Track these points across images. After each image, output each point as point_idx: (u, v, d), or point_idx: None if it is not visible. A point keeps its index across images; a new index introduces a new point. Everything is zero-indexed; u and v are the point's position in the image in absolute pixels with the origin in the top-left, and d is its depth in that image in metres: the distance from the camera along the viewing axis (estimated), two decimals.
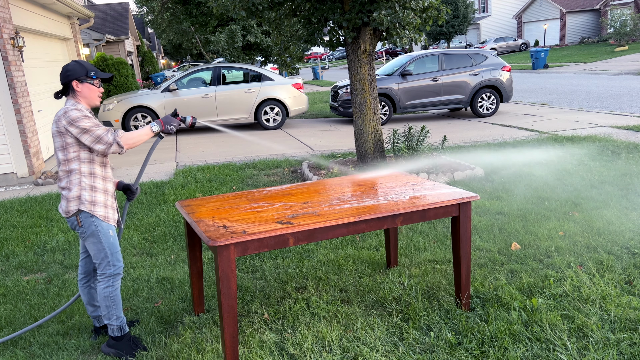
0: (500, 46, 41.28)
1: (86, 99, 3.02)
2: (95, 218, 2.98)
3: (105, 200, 3.04)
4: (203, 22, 17.73)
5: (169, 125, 3.16)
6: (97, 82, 3.05)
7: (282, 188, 3.67)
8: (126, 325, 3.15)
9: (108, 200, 3.07)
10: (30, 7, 9.84)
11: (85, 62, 3.05)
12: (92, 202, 2.99)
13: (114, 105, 11.93)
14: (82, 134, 2.87)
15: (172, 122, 3.18)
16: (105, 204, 3.04)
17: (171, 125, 3.17)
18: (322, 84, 27.83)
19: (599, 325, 3.14)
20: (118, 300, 3.09)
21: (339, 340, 3.17)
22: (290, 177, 7.49)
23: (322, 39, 7.39)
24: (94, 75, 3.02)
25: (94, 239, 3.00)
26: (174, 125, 3.18)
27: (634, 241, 4.37)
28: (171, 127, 3.16)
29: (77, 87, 2.98)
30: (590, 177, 6.40)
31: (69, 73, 2.97)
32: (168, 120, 3.17)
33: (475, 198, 3.25)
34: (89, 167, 2.99)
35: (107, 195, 3.07)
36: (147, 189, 7.02)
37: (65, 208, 2.98)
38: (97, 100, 3.07)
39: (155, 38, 49.34)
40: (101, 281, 3.06)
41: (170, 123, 3.17)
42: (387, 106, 12.15)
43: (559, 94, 16.62)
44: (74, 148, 2.93)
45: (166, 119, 3.17)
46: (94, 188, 3.00)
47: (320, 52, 59.15)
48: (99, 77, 3.06)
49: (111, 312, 3.08)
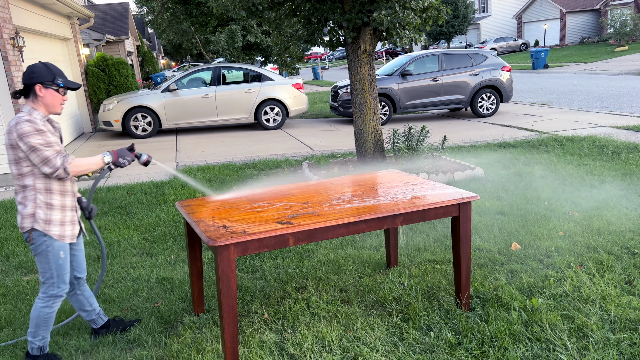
0: (500, 46, 41.28)
1: (47, 106, 2.83)
2: (48, 237, 2.85)
3: (62, 218, 2.89)
4: (203, 22, 17.73)
5: (122, 159, 2.98)
6: (63, 90, 2.85)
7: (282, 188, 3.67)
8: (47, 346, 3.06)
9: (66, 216, 2.92)
10: (30, 7, 9.85)
11: (54, 66, 2.86)
12: (47, 221, 2.84)
13: (114, 105, 11.93)
14: (30, 152, 2.70)
15: (126, 155, 3.00)
16: (62, 222, 2.89)
17: (124, 159, 2.99)
18: (322, 84, 27.84)
19: (599, 325, 3.14)
20: (51, 322, 2.99)
21: (339, 340, 3.17)
22: (290, 177, 7.49)
23: (322, 39, 7.39)
24: (60, 83, 2.82)
25: (42, 258, 2.88)
26: (127, 159, 3.00)
27: (634, 241, 4.37)
28: (124, 161, 2.98)
29: (39, 91, 2.78)
30: (590, 177, 6.40)
31: (34, 75, 2.77)
32: (122, 154, 2.99)
33: (475, 198, 3.25)
34: (45, 183, 2.82)
35: (65, 211, 2.92)
36: (147, 189, 7.02)
37: (20, 223, 2.85)
38: (58, 108, 2.88)
39: (155, 38, 49.35)
40: (41, 299, 2.94)
41: (124, 157, 2.99)
42: (387, 106, 12.15)
43: (559, 94, 16.62)
44: (27, 162, 2.76)
45: (121, 152, 2.99)
46: (50, 206, 2.84)
47: (320, 52, 59.13)
48: (66, 86, 2.86)
49: (39, 331, 2.98)
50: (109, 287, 4.12)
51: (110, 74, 13.66)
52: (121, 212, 6.10)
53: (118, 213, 6.06)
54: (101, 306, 3.80)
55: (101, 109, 12.07)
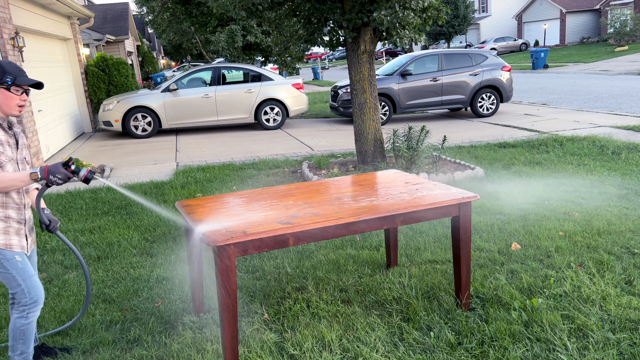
0: (500, 46, 41.28)
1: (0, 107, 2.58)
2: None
3: (5, 228, 2.66)
4: (203, 22, 17.73)
5: (54, 176, 2.56)
6: (17, 89, 2.58)
7: (282, 188, 3.67)
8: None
9: (11, 226, 2.68)
10: (30, 7, 9.85)
11: (8, 64, 2.59)
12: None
13: (114, 105, 11.93)
14: None
15: (58, 172, 2.56)
16: (5, 231, 2.66)
17: (55, 177, 2.56)
18: (322, 84, 27.83)
19: (599, 325, 3.14)
20: (29, 335, 2.78)
21: (339, 340, 3.17)
22: (290, 177, 7.50)
23: (322, 39, 7.39)
24: (9, 80, 2.54)
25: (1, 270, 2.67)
26: (59, 177, 2.56)
27: (634, 241, 4.37)
28: (55, 179, 2.56)
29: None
30: (590, 177, 6.40)
31: None
32: (54, 170, 2.56)
33: (475, 198, 3.25)
34: None
35: (8, 222, 2.68)
36: (147, 189, 7.02)
37: None
38: (13, 110, 2.62)
39: (155, 38, 49.34)
40: (16, 309, 2.74)
41: (56, 174, 2.56)
42: (387, 106, 12.15)
43: (559, 94, 16.62)
44: None
45: (53, 168, 2.56)
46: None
47: (320, 52, 59.13)
48: (18, 84, 2.57)
49: (17, 345, 2.77)
50: (109, 287, 4.12)
51: (110, 74, 13.67)
52: (121, 212, 6.10)
53: (118, 213, 6.06)
54: (101, 306, 3.80)
55: (101, 109, 12.07)
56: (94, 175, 2.68)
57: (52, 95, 10.86)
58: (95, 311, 3.72)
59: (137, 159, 9.57)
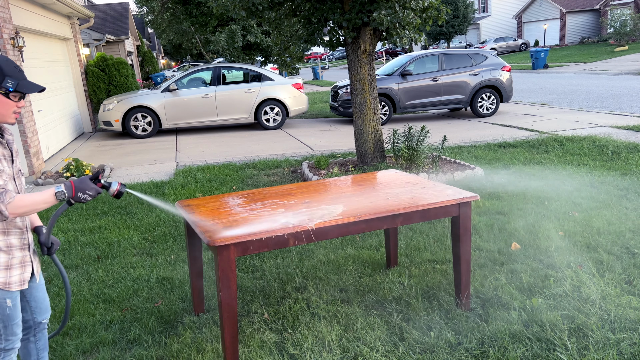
0: (500, 46, 41.28)
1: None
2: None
3: (8, 261, 2.33)
4: (203, 22, 17.73)
5: (82, 194, 2.27)
6: (15, 95, 2.24)
7: (282, 188, 3.67)
8: None
9: (13, 258, 2.35)
10: (30, 7, 9.85)
11: (7, 63, 2.24)
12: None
13: (114, 105, 11.93)
14: None
15: (87, 189, 2.28)
16: (7, 266, 2.33)
17: (85, 194, 2.28)
18: (322, 84, 27.84)
19: (599, 325, 3.14)
20: None
21: (339, 340, 3.17)
22: (290, 177, 7.49)
23: (322, 39, 7.39)
24: (10, 87, 2.20)
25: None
26: (90, 194, 2.29)
27: (634, 241, 4.37)
28: (85, 197, 2.28)
29: None
30: (590, 177, 6.40)
31: None
32: (82, 187, 2.27)
33: (475, 198, 3.25)
34: None
35: (12, 252, 2.35)
36: (148, 189, 7.02)
37: None
38: (9, 118, 2.27)
39: (155, 38, 49.33)
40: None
41: (85, 191, 2.27)
42: (387, 106, 12.15)
43: (559, 94, 16.62)
44: None
45: (81, 185, 2.28)
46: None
47: (320, 52, 59.12)
48: (18, 90, 2.23)
49: None
50: (109, 287, 4.12)
51: (110, 74, 13.67)
52: (121, 212, 6.10)
53: (118, 213, 6.06)
54: (101, 306, 3.80)
55: (101, 109, 12.07)
56: (125, 188, 2.45)
57: (52, 95, 10.86)
58: (95, 311, 3.72)
59: (137, 159, 9.57)
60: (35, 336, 2.64)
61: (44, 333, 2.67)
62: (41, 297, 2.60)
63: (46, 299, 2.64)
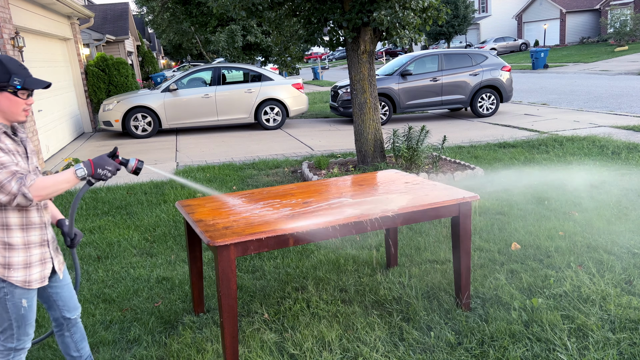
0: (500, 46, 41.28)
1: (3, 113, 2.27)
2: (7, 284, 2.30)
3: (26, 259, 2.33)
4: (203, 22, 17.73)
5: (102, 170, 2.29)
6: (23, 93, 2.27)
7: (282, 188, 3.67)
8: None
9: (33, 255, 2.35)
10: (30, 7, 9.85)
11: (12, 62, 2.27)
12: (6, 265, 2.28)
13: (114, 105, 11.93)
14: None
15: (107, 165, 2.30)
16: (26, 264, 2.33)
17: (105, 170, 2.29)
18: (322, 84, 27.84)
19: (599, 325, 3.14)
20: None
21: (339, 340, 3.17)
22: (290, 177, 7.49)
23: (322, 39, 7.39)
24: (17, 84, 2.23)
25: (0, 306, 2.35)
26: (109, 170, 2.30)
27: (634, 241, 4.37)
28: (104, 172, 2.29)
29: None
30: (590, 177, 6.40)
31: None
32: (101, 163, 2.30)
33: (475, 198, 3.25)
34: (1, 217, 2.25)
35: (31, 249, 2.35)
36: (147, 189, 7.02)
37: None
38: (19, 116, 2.30)
39: (155, 38, 49.33)
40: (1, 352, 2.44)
41: (104, 167, 2.29)
42: (387, 106, 12.15)
43: (559, 94, 16.62)
44: None
45: (99, 161, 2.30)
46: (9, 246, 2.28)
47: (320, 52, 59.12)
48: (26, 87, 2.26)
49: None
50: (109, 287, 4.12)
51: (110, 74, 13.67)
52: (121, 212, 6.10)
53: (118, 213, 6.06)
54: (101, 306, 3.80)
55: (101, 109, 12.07)
56: (143, 164, 2.46)
57: (52, 95, 10.86)
58: (95, 311, 3.72)
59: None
60: (69, 331, 2.67)
61: (78, 327, 2.70)
62: (68, 295, 2.62)
63: (73, 297, 2.66)
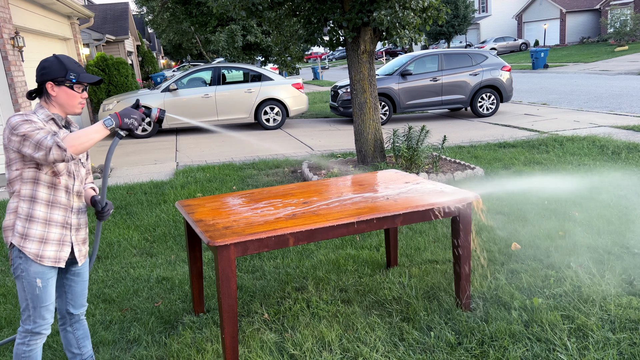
0: (500, 46, 41.28)
1: (62, 106, 2.41)
2: (24, 258, 2.35)
3: (43, 234, 2.39)
4: (203, 22, 17.73)
5: (128, 119, 2.35)
6: (79, 87, 2.42)
7: (282, 188, 3.67)
8: None
9: (51, 232, 2.41)
10: (30, 7, 9.85)
11: (68, 60, 2.43)
12: (24, 235, 2.35)
13: (114, 105, 11.93)
14: (22, 142, 2.24)
15: (132, 114, 2.36)
16: (42, 239, 2.38)
17: (131, 119, 2.36)
18: (322, 84, 27.83)
19: (599, 325, 3.14)
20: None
21: (339, 340, 3.17)
22: (290, 177, 7.49)
23: (322, 39, 7.39)
24: (73, 78, 2.38)
25: (18, 284, 2.40)
26: (135, 118, 2.37)
27: (634, 241, 4.37)
28: (131, 121, 2.36)
29: (51, 90, 2.37)
30: (590, 177, 6.40)
31: (45, 72, 2.36)
32: (127, 113, 2.36)
33: (475, 198, 3.25)
34: (31, 189, 2.36)
35: (50, 226, 2.41)
36: (147, 189, 7.02)
37: (4, 238, 2.41)
38: (76, 108, 2.44)
39: (155, 38, 49.33)
40: (19, 333, 2.47)
41: (130, 115, 2.36)
42: (387, 106, 12.15)
43: (559, 94, 16.62)
44: (17, 165, 2.34)
45: (125, 111, 2.37)
46: (31, 218, 2.36)
47: (320, 52, 59.12)
48: (81, 81, 2.41)
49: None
50: (109, 287, 4.12)
51: (110, 73, 13.67)
52: (121, 212, 6.10)
53: (118, 213, 6.06)
54: (101, 306, 3.79)
55: (101, 109, 12.07)
56: (164, 113, 2.52)
57: None
58: (95, 311, 3.72)
59: (137, 158, 9.56)
60: (72, 326, 2.71)
61: (81, 324, 2.73)
62: (79, 291, 2.65)
63: (84, 295, 2.68)
